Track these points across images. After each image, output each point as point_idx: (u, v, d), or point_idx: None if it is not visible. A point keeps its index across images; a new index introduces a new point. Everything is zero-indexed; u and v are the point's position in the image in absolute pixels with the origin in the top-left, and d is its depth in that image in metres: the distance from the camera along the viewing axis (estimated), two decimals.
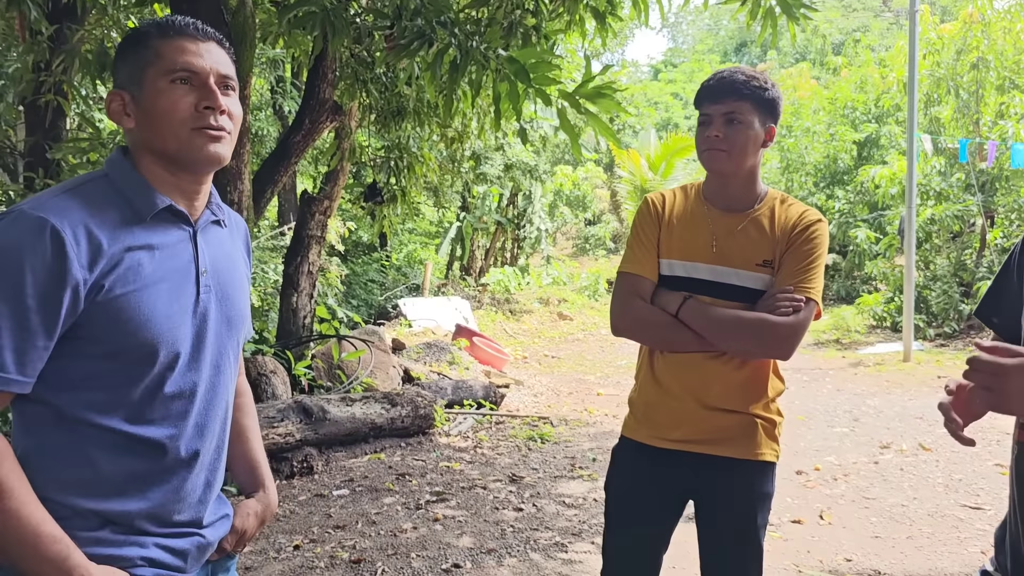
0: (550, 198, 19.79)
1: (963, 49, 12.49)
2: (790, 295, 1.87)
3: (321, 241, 7.46)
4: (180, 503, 1.31)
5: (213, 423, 1.35)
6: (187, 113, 1.26)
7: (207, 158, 1.28)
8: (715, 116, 1.91)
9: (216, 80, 1.29)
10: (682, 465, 1.97)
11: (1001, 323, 1.59)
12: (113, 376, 1.22)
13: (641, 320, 1.98)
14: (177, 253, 1.29)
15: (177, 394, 1.27)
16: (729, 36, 38.24)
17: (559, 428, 6.61)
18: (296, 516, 4.30)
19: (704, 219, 1.98)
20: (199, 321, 1.30)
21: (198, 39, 1.29)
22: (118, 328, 1.20)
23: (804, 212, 1.98)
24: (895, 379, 9.00)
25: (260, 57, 10.93)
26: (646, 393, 2.05)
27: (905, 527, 4.24)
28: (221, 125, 1.28)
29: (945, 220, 12.29)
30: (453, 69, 4.23)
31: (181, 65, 1.26)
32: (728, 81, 1.92)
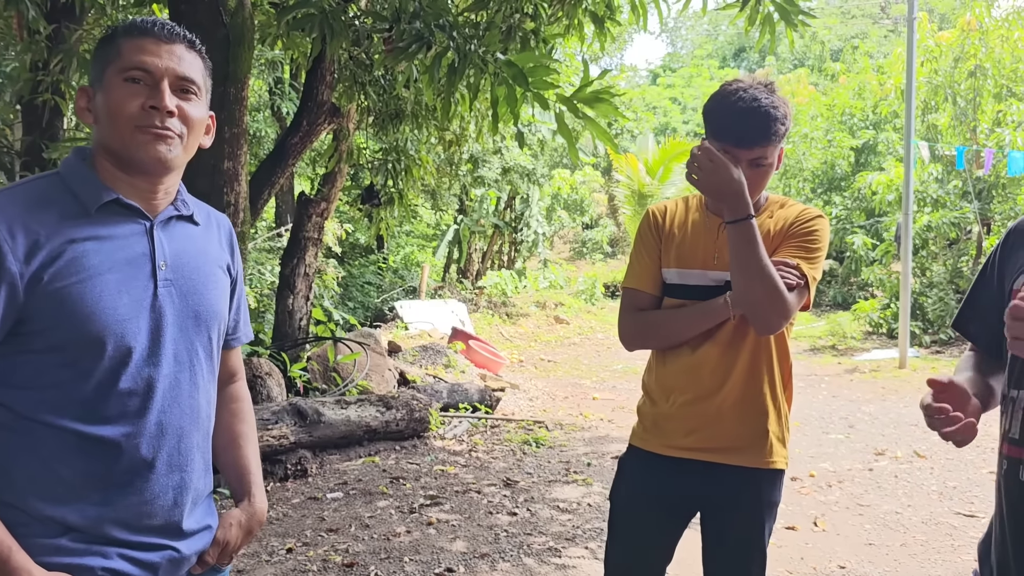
0: (548, 202, 19.80)
1: (961, 57, 12.53)
2: (795, 269, 1.85)
3: (318, 243, 7.46)
4: (148, 506, 1.27)
5: (178, 422, 1.30)
6: (133, 111, 1.24)
7: (149, 158, 1.26)
8: (740, 160, 1.84)
9: (172, 82, 1.27)
10: (691, 473, 1.96)
11: (977, 330, 1.58)
12: (62, 371, 1.20)
13: (641, 326, 2.01)
14: (128, 246, 1.26)
15: (132, 391, 1.24)
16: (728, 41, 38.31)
17: (554, 432, 6.61)
18: (289, 519, 4.29)
19: (706, 229, 1.98)
20: (156, 315, 1.27)
21: (161, 40, 1.27)
22: (62, 320, 1.19)
23: (804, 210, 1.98)
24: (891, 386, 9.01)
25: (259, 59, 10.91)
26: (654, 401, 2.04)
27: (899, 534, 4.24)
28: (168, 127, 1.26)
29: (942, 227, 12.31)
30: (451, 72, 4.23)
31: (135, 64, 1.25)
32: (757, 125, 1.83)
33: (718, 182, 1.81)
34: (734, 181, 1.80)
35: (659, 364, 2.04)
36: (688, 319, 1.94)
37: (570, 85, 6.11)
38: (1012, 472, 1.35)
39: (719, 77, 32.97)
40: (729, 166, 1.80)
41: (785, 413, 2.01)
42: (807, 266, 1.88)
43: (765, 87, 1.87)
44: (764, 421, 1.94)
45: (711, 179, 1.82)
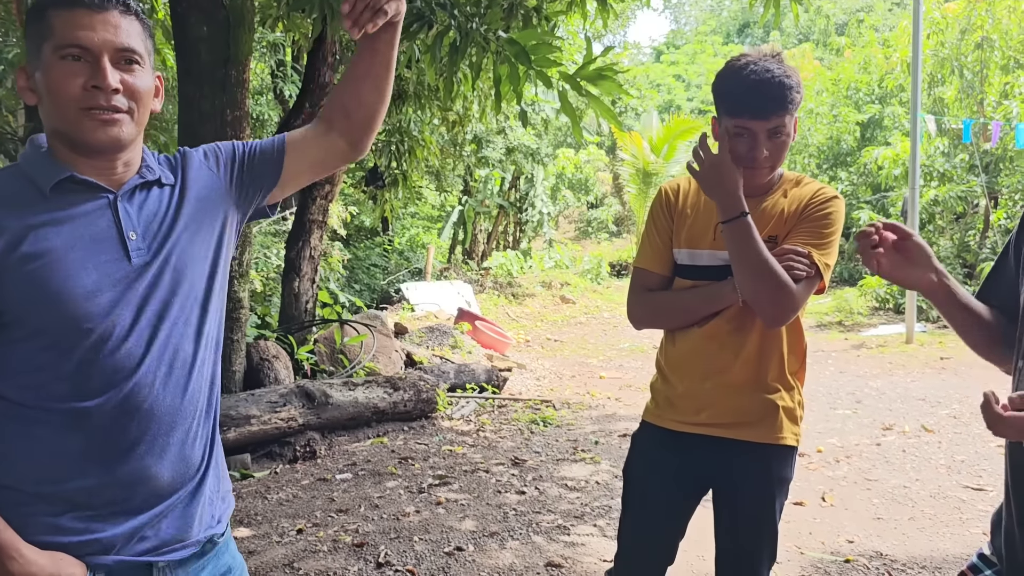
0: (552, 181, 19.74)
1: (967, 29, 12.40)
2: (806, 259, 1.83)
3: (323, 226, 7.45)
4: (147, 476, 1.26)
5: (172, 386, 1.28)
6: (76, 92, 1.19)
7: (99, 142, 1.22)
8: (759, 133, 1.82)
9: (111, 55, 1.20)
10: (702, 449, 1.96)
11: (998, 304, 1.58)
12: (44, 353, 1.19)
13: (651, 306, 2.03)
14: (91, 222, 1.23)
15: (117, 364, 1.22)
16: (732, 17, 37.98)
17: (561, 411, 6.62)
18: (299, 500, 4.32)
19: (715, 208, 1.95)
20: (135, 286, 1.24)
21: (93, 9, 1.19)
22: (33, 305, 1.17)
23: (820, 189, 1.96)
24: (898, 361, 9.00)
25: (260, 41, 10.86)
26: (666, 378, 2.05)
27: (907, 508, 4.24)
28: (115, 105, 1.21)
29: (949, 201, 12.25)
30: (453, 51, 4.20)
31: (71, 40, 1.18)
32: (774, 94, 1.81)
33: (715, 178, 1.83)
34: (726, 180, 1.80)
35: (669, 343, 2.05)
36: (695, 301, 1.95)
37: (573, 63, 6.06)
38: (1018, 443, 1.36)
39: (723, 53, 32.71)
40: (722, 164, 1.81)
41: (798, 391, 2.01)
42: (818, 253, 1.86)
43: (773, 58, 1.85)
44: (774, 397, 1.94)
45: (710, 175, 1.84)
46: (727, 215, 1.81)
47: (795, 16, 5.08)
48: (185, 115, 4.95)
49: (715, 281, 1.93)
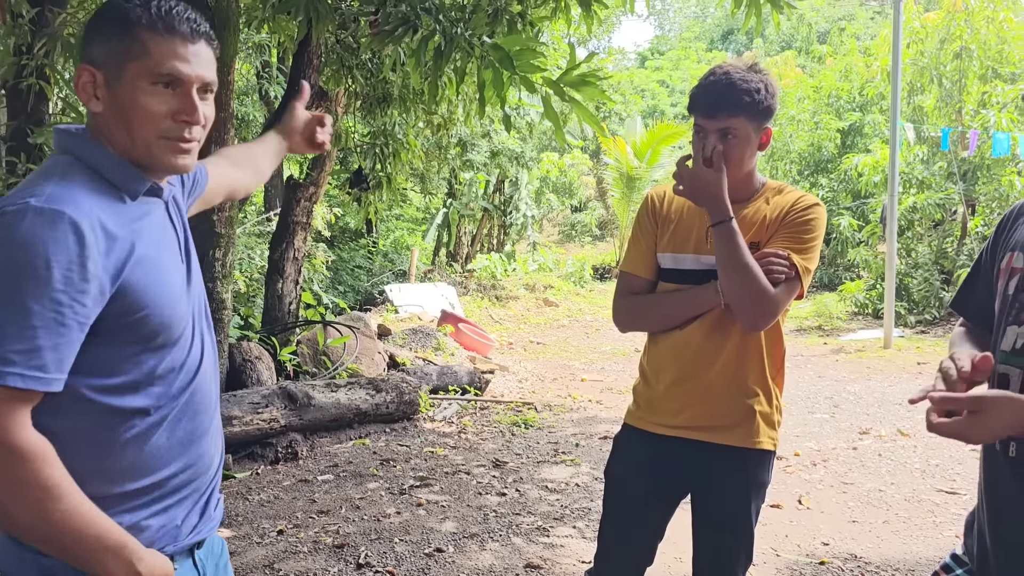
0: (536, 185, 19.78)
1: (946, 38, 12.57)
2: (785, 260, 1.87)
3: (307, 227, 7.45)
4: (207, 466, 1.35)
5: (214, 386, 1.38)
6: (162, 120, 1.22)
7: (171, 167, 1.26)
8: (710, 132, 1.89)
9: (199, 87, 1.25)
10: (682, 452, 2.00)
11: (973, 312, 1.63)
12: (135, 358, 1.22)
13: (634, 308, 2.06)
14: (163, 229, 1.30)
15: (194, 360, 1.31)
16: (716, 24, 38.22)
17: (543, 414, 6.66)
18: (280, 501, 4.33)
19: (699, 213, 1.99)
20: (190, 288, 1.33)
21: (188, 40, 1.23)
22: (138, 311, 1.20)
23: (801, 197, 2.00)
24: (876, 366, 9.10)
25: (246, 42, 10.83)
26: (647, 381, 2.09)
27: (882, 511, 4.31)
28: (193, 137, 1.26)
29: (927, 208, 12.39)
30: (437, 56, 4.23)
31: (168, 69, 1.21)
32: (722, 94, 1.87)
33: (695, 188, 1.88)
34: (710, 185, 1.85)
35: (651, 345, 2.09)
36: (678, 304, 1.98)
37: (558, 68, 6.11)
38: (990, 445, 1.40)
39: (707, 60, 32.91)
40: (705, 173, 1.85)
41: (776, 396, 2.04)
42: (798, 257, 1.90)
43: (747, 68, 1.90)
44: (752, 402, 1.98)
45: (691, 186, 1.89)
46: (714, 218, 1.86)
47: (776, 24, 5.15)
48: None
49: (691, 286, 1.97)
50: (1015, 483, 1.34)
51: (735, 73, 1.89)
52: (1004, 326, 1.38)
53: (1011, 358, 1.34)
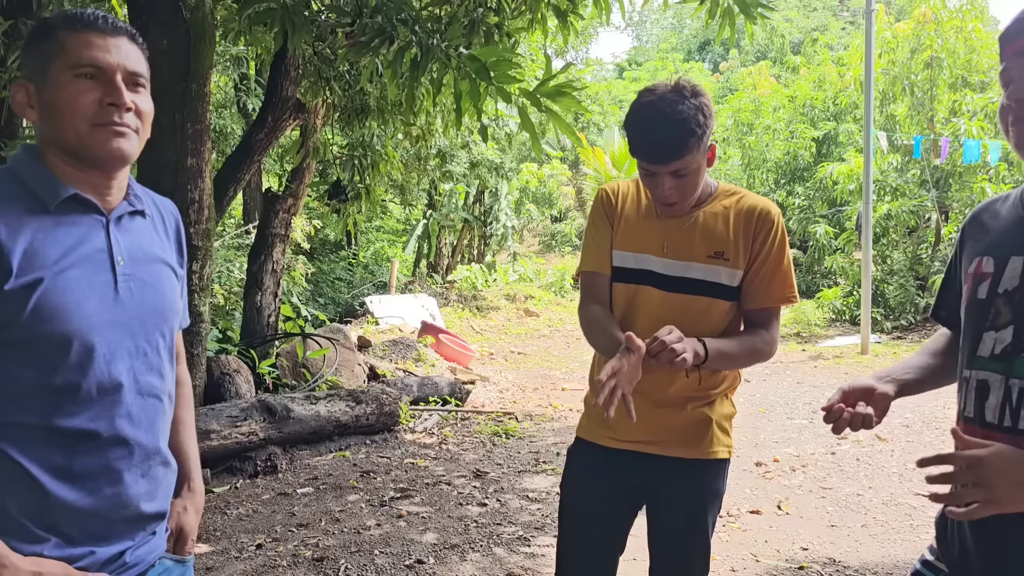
0: (516, 195, 19.83)
1: (917, 48, 12.75)
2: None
3: (286, 239, 7.42)
4: (121, 497, 1.28)
5: (145, 415, 1.31)
6: (90, 109, 1.24)
7: (110, 154, 1.27)
8: (662, 175, 1.83)
9: (124, 76, 1.27)
10: (635, 465, 1.97)
11: (947, 318, 1.63)
12: (30, 369, 1.19)
13: (584, 323, 2.02)
14: (88, 242, 1.26)
15: (100, 386, 1.24)
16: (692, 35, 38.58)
17: (524, 423, 6.66)
18: (259, 515, 4.29)
19: (655, 215, 1.97)
20: (119, 310, 1.28)
21: (107, 33, 1.27)
22: (29, 318, 1.18)
23: (760, 210, 1.94)
24: (853, 371, 9.18)
25: (224, 54, 10.80)
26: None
27: (860, 516, 4.34)
28: (126, 122, 1.27)
29: (901, 216, 12.54)
30: (414, 67, 4.24)
31: (87, 60, 1.25)
32: (670, 141, 1.79)
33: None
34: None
35: (601, 358, 2.01)
36: (600, 345, 1.96)
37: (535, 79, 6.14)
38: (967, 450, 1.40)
39: (684, 71, 33.19)
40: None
41: (730, 401, 2.04)
42: (788, 291, 1.95)
43: (679, 92, 1.81)
44: (706, 411, 1.97)
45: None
46: (695, 363, 1.80)
47: (749, 34, 5.21)
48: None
49: (663, 290, 1.94)
50: None
51: (670, 109, 1.78)
52: (980, 332, 1.38)
53: (990, 364, 1.34)
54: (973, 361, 1.38)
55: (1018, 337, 1.31)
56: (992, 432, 1.31)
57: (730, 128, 18.62)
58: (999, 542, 1.33)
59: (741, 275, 1.94)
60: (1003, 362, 1.32)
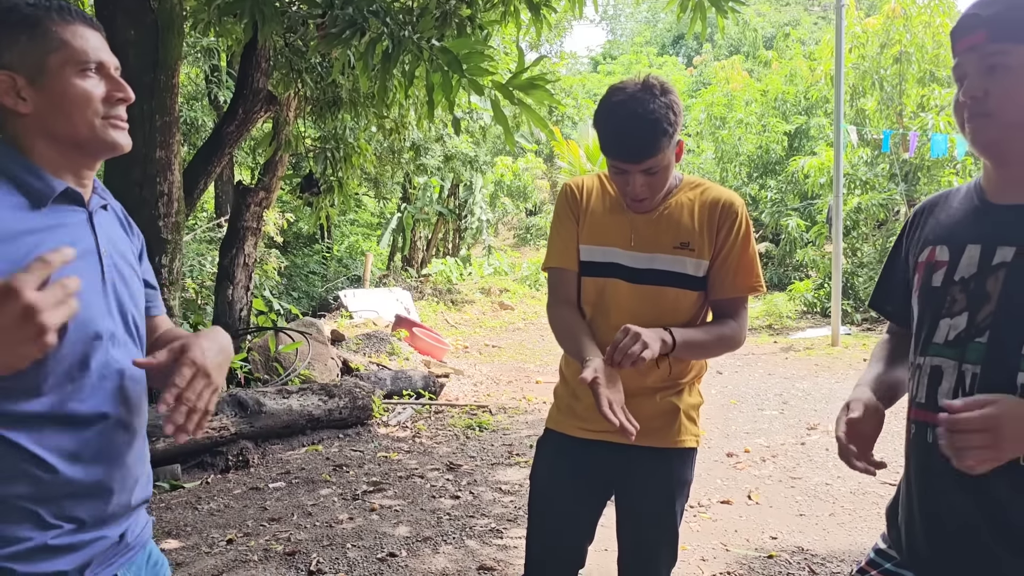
0: (491, 189, 19.82)
1: (886, 43, 12.91)
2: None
3: (257, 233, 7.36)
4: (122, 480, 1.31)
5: (136, 400, 1.34)
6: (99, 104, 1.28)
7: (116, 146, 1.32)
8: (633, 173, 1.85)
9: (115, 69, 1.32)
10: (604, 455, 1.99)
11: (894, 310, 1.64)
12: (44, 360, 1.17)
13: (554, 324, 2.04)
14: (78, 235, 1.28)
15: (102, 375, 1.26)
16: (667, 28, 38.70)
17: (498, 416, 6.67)
18: (230, 510, 4.26)
19: (621, 209, 1.99)
20: (110, 299, 1.30)
21: (93, 27, 1.31)
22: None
23: (725, 202, 1.96)
24: (823, 363, 9.30)
25: (195, 45, 10.68)
26: (568, 385, 2.07)
27: (828, 505, 4.41)
28: (125, 116, 1.33)
29: (871, 209, 12.70)
30: (385, 59, 4.22)
31: (93, 57, 1.28)
32: (642, 140, 1.80)
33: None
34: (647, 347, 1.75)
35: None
36: (569, 347, 1.98)
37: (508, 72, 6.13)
38: (920, 435, 1.42)
39: (658, 64, 33.33)
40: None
41: (697, 391, 2.06)
42: (754, 280, 1.97)
43: (648, 91, 1.82)
44: (674, 400, 1.99)
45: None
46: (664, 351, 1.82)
47: (721, 28, 5.25)
48: None
49: (632, 282, 1.95)
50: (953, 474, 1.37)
51: (641, 108, 1.79)
52: (936, 319, 1.41)
53: (944, 350, 1.37)
54: (927, 348, 1.41)
55: (971, 323, 1.33)
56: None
57: (703, 122, 18.73)
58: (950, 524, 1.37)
59: (707, 265, 1.96)
60: (956, 348, 1.35)
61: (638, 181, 1.86)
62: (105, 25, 4.38)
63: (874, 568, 1.53)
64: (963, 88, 1.34)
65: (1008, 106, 1.30)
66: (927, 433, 1.40)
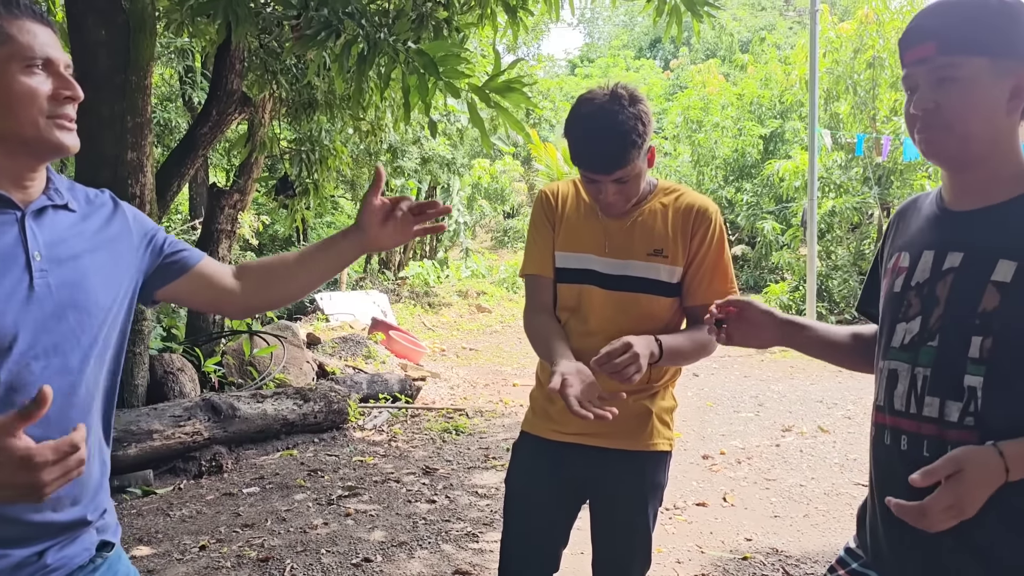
0: (468, 191, 19.79)
1: (860, 48, 13.06)
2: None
3: (232, 235, 7.29)
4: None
5: (68, 413, 1.26)
6: (46, 102, 1.23)
7: (61, 147, 1.26)
8: (605, 183, 1.85)
9: (64, 66, 1.27)
10: (578, 458, 1.99)
11: (876, 313, 1.67)
12: None
13: (529, 331, 2.03)
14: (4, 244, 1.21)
15: (13, 384, 1.19)
16: (644, 32, 38.90)
17: (474, 419, 6.65)
18: (203, 516, 4.21)
19: (595, 215, 1.99)
20: (34, 308, 1.22)
21: (41, 22, 1.25)
22: None
23: (698, 208, 1.96)
24: (798, 365, 9.37)
25: (168, 46, 10.57)
26: (543, 388, 2.06)
27: (803, 506, 4.44)
28: (73, 115, 1.28)
29: (845, 212, 12.84)
30: (361, 61, 4.19)
31: (41, 52, 1.23)
32: (612, 152, 1.80)
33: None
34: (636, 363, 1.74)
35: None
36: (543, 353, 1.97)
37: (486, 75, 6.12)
38: (879, 438, 1.44)
39: (635, 67, 33.50)
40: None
41: (671, 395, 2.07)
42: (728, 286, 1.97)
43: (617, 101, 1.82)
44: (648, 403, 1.99)
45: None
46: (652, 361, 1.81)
47: (696, 32, 5.27)
48: (82, 121, 4.74)
49: (606, 288, 1.96)
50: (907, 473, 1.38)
51: (610, 119, 1.79)
52: (894, 324, 1.43)
53: (900, 354, 1.39)
54: (887, 352, 1.43)
55: (924, 328, 1.36)
56: (899, 419, 1.37)
57: (680, 125, 18.85)
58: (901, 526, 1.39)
59: (681, 272, 1.97)
60: (910, 352, 1.37)
61: (610, 190, 1.87)
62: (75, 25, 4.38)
63: (842, 567, 1.55)
64: (915, 101, 1.35)
65: (961, 118, 1.32)
66: (885, 435, 1.42)
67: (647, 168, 1.93)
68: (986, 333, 1.27)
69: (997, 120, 1.31)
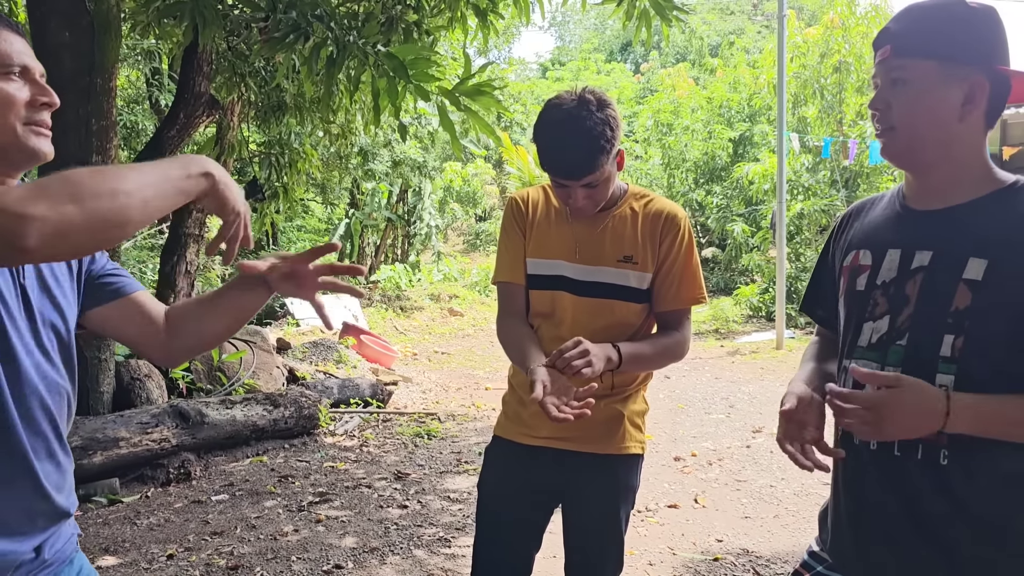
0: (440, 194, 19.74)
1: (826, 53, 13.23)
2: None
3: (200, 239, 7.20)
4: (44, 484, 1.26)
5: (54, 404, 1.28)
6: (22, 109, 1.23)
7: (38, 154, 1.26)
8: (574, 189, 1.85)
9: (39, 74, 1.27)
10: (550, 462, 1.99)
11: (824, 315, 1.67)
12: None
13: (502, 337, 2.03)
14: None
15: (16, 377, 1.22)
16: (615, 35, 39.09)
17: (446, 424, 6.63)
18: (171, 524, 4.15)
19: (566, 221, 2.00)
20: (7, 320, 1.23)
21: (18, 33, 1.26)
22: None
23: (664, 211, 1.98)
24: (769, 366, 9.46)
25: (135, 48, 10.42)
26: (516, 392, 2.08)
27: (773, 507, 4.47)
28: (50, 122, 1.28)
29: (813, 214, 12.98)
30: (330, 64, 4.17)
31: (17, 60, 1.23)
32: (581, 158, 1.79)
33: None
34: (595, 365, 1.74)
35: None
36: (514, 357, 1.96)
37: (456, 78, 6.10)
38: (846, 439, 1.45)
39: (606, 71, 33.64)
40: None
41: (643, 399, 2.08)
42: (697, 292, 1.98)
43: (585, 106, 1.81)
44: (619, 407, 2.00)
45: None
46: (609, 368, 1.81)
47: (665, 36, 5.30)
48: None
49: (576, 295, 1.96)
50: (879, 476, 1.39)
51: (578, 126, 1.78)
52: (860, 323, 1.44)
53: (867, 353, 1.41)
54: (852, 351, 1.44)
55: (892, 327, 1.37)
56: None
57: (650, 128, 18.95)
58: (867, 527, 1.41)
59: (650, 278, 1.97)
60: (879, 351, 1.38)
61: (580, 195, 1.87)
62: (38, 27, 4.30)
63: (807, 571, 1.56)
64: (871, 99, 1.39)
65: (908, 119, 1.34)
66: (852, 436, 1.43)
67: (617, 172, 1.93)
68: (958, 332, 1.29)
69: (948, 124, 1.33)
